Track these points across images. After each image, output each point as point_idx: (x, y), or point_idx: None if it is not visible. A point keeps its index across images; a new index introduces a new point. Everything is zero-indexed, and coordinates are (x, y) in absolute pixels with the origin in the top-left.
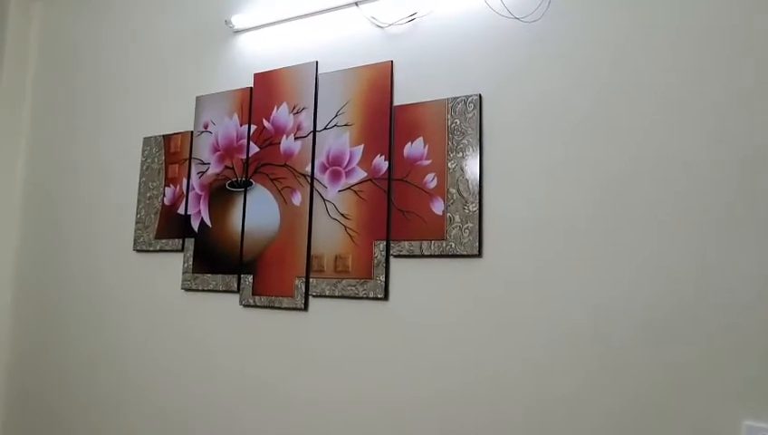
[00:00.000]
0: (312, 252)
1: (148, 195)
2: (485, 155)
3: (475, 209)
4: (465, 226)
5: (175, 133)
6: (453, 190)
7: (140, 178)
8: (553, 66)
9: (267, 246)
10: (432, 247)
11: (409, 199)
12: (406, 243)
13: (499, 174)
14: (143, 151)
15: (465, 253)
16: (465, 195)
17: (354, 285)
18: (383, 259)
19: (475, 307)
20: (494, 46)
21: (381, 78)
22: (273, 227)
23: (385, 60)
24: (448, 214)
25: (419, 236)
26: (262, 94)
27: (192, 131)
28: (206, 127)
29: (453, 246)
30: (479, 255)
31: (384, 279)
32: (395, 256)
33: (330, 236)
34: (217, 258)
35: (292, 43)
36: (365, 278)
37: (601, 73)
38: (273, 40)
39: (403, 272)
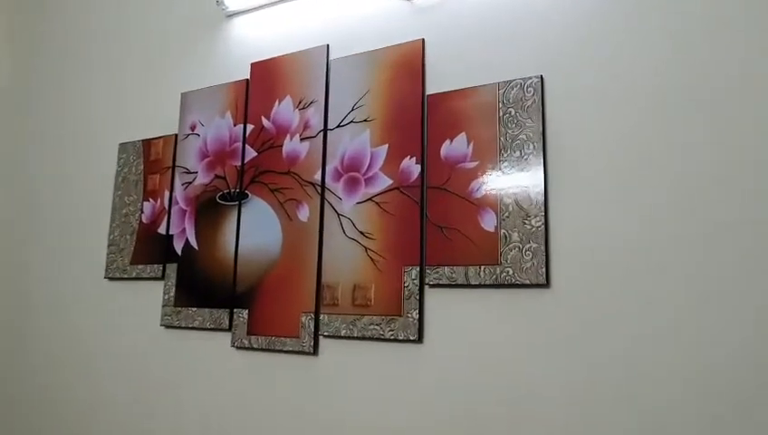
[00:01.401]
0: (324, 281)
1: (124, 211)
2: (551, 153)
3: (539, 224)
4: (527, 246)
5: (156, 137)
6: (508, 200)
7: (115, 192)
8: (638, 37)
9: (266, 273)
10: (482, 275)
11: (450, 212)
12: (446, 269)
13: (570, 178)
14: (119, 160)
15: (527, 282)
16: (525, 206)
17: (378, 324)
18: (416, 290)
19: (542, 355)
20: (558, 14)
21: (410, 61)
22: (274, 250)
23: (414, 38)
24: (503, 231)
25: (464, 260)
26: (260, 87)
27: (176, 134)
28: (192, 128)
29: (510, 272)
30: (546, 284)
31: (417, 316)
32: (431, 286)
33: (346, 261)
34: (205, 288)
35: (297, 24)
36: (392, 315)
37: (701, 46)
38: (273, 22)
39: (442, 307)
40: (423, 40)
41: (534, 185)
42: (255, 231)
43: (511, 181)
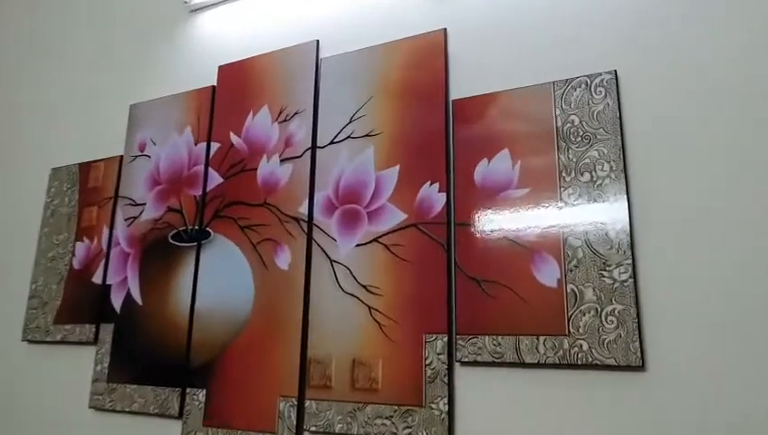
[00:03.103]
0: (311, 353)
1: (51, 254)
2: (635, 175)
3: (625, 277)
4: (609, 308)
5: (96, 160)
6: (576, 242)
7: (41, 229)
8: (748, 15)
9: (232, 339)
10: (541, 349)
11: (490, 259)
12: (486, 339)
13: (665, 209)
14: (49, 189)
15: (611, 362)
16: (601, 251)
17: (389, 417)
18: (443, 369)
19: None
20: None
21: (428, 58)
22: (243, 308)
23: (434, 29)
24: (570, 286)
25: (513, 328)
26: (230, 95)
27: (122, 156)
28: (142, 148)
29: (584, 347)
30: (641, 366)
31: (446, 408)
32: (465, 365)
33: (342, 326)
34: (149, 359)
35: (278, 17)
36: (409, 405)
37: None
38: (248, 16)
39: (482, 395)
40: (445, 30)
41: (614, 220)
42: (219, 282)
43: (579, 216)
